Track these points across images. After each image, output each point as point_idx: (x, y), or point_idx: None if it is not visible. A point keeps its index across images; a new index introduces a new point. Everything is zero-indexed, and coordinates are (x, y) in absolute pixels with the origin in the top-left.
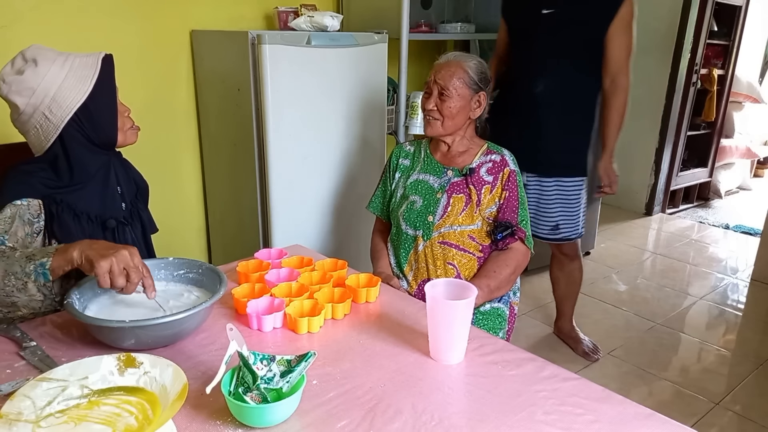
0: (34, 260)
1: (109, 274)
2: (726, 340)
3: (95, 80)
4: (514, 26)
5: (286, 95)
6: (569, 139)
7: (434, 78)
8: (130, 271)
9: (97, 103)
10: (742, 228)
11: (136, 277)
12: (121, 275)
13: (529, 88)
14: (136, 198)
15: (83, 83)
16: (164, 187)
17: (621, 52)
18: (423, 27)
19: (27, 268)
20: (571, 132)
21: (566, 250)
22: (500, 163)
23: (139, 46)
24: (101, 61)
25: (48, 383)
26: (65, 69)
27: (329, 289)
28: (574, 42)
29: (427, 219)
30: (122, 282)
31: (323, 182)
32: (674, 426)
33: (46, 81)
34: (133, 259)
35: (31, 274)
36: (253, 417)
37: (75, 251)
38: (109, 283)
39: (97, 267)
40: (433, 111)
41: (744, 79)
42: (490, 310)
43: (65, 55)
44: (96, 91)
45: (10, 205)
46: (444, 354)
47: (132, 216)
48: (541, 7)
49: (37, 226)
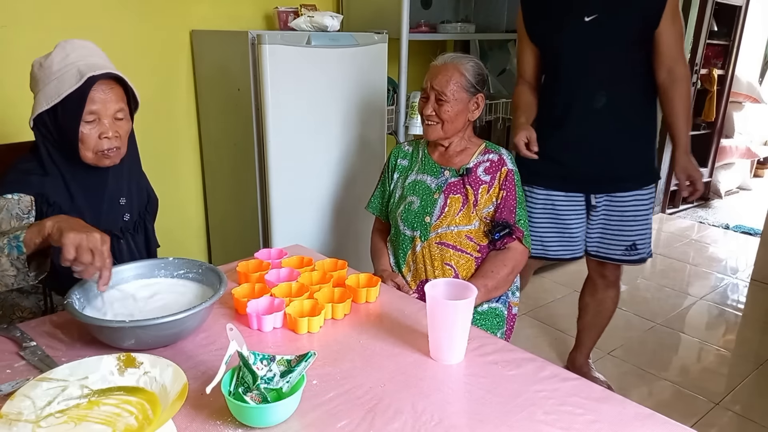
0: (7, 234)
1: (76, 249)
2: (726, 340)
3: (63, 97)
4: (548, 44)
5: (286, 95)
6: (638, 146)
7: (430, 83)
8: (95, 253)
9: (61, 119)
10: (742, 228)
11: (98, 261)
12: (87, 252)
13: (588, 106)
14: (146, 210)
15: (55, 96)
16: (164, 187)
17: (676, 41)
18: (423, 27)
19: (0, 242)
20: (638, 139)
21: (608, 273)
22: (498, 163)
23: (139, 46)
24: (83, 82)
25: (48, 383)
26: (55, 75)
27: (329, 289)
28: (627, 44)
29: (424, 220)
30: (87, 258)
31: (323, 182)
32: (674, 426)
33: (44, 71)
34: (102, 245)
35: (4, 247)
36: (253, 417)
37: (49, 221)
38: (73, 255)
39: (65, 237)
40: (432, 116)
41: (744, 79)
42: (488, 310)
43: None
44: (62, 108)
45: (0, 198)
46: (444, 354)
47: (136, 228)
48: (582, 14)
49: (26, 223)
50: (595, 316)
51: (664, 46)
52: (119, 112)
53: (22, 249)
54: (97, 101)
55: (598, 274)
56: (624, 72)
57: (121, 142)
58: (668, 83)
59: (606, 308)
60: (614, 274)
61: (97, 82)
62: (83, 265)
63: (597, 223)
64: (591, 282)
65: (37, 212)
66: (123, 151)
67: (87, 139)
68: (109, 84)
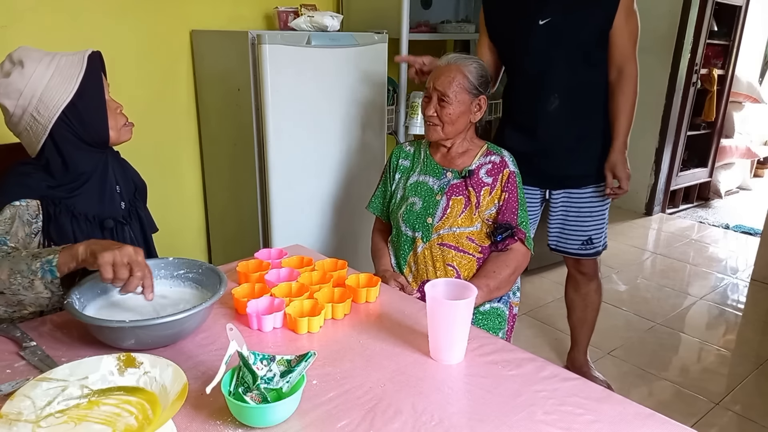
0: (40, 258)
1: (112, 266)
2: (726, 340)
3: (81, 78)
4: (505, 44)
5: (286, 95)
6: (592, 144)
7: (433, 84)
8: (133, 265)
9: (85, 102)
10: (742, 228)
11: (138, 271)
12: (124, 267)
13: (545, 106)
14: (135, 197)
15: (69, 82)
16: (164, 187)
17: (628, 41)
18: (423, 27)
19: (33, 265)
20: (593, 137)
21: (586, 269)
22: (500, 165)
23: (139, 46)
24: (87, 58)
25: (48, 383)
26: (51, 69)
27: (329, 289)
28: (580, 46)
29: (426, 221)
30: (125, 273)
31: (323, 182)
32: (674, 426)
33: (32, 82)
34: (137, 256)
35: (38, 271)
36: (253, 417)
37: (81, 246)
38: (111, 274)
39: (100, 257)
40: (433, 117)
41: (744, 79)
42: (490, 310)
43: (51, 54)
44: (83, 90)
45: (9, 206)
46: (444, 354)
47: (131, 215)
48: (537, 18)
49: (35, 227)
50: (584, 311)
51: (616, 46)
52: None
53: (55, 273)
54: (104, 76)
55: (576, 271)
56: (580, 73)
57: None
58: (618, 82)
59: (592, 301)
60: (591, 268)
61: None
62: (122, 281)
63: (556, 219)
64: (572, 279)
65: (44, 215)
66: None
67: (115, 115)
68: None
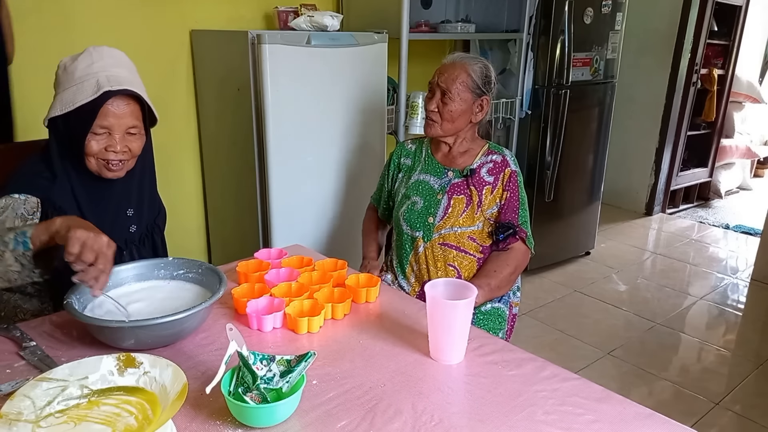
0: (14, 230)
1: (81, 245)
2: (726, 340)
3: (77, 106)
4: None
5: (286, 95)
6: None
7: (437, 80)
8: (100, 256)
9: (72, 126)
10: (742, 228)
11: (101, 264)
12: (92, 252)
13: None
14: (155, 223)
15: (70, 103)
16: (164, 187)
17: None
18: (423, 27)
19: (6, 237)
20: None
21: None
22: (501, 164)
23: (139, 46)
24: (98, 95)
25: (48, 383)
26: (75, 82)
27: (329, 289)
28: None
29: (427, 220)
30: (90, 257)
31: (323, 182)
32: (674, 426)
33: (67, 75)
34: (108, 249)
35: (9, 242)
36: (253, 417)
37: (59, 219)
38: (77, 249)
39: (73, 231)
40: (434, 112)
41: (744, 79)
42: (491, 310)
43: (95, 74)
44: (75, 115)
45: (6, 197)
46: (444, 354)
47: (142, 240)
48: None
49: (30, 224)
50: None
51: None
52: (132, 128)
53: (28, 245)
54: (110, 116)
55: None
56: None
57: (128, 157)
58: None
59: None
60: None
61: (113, 97)
62: (84, 264)
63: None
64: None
65: (42, 215)
66: (130, 165)
67: (92, 150)
68: (125, 99)
